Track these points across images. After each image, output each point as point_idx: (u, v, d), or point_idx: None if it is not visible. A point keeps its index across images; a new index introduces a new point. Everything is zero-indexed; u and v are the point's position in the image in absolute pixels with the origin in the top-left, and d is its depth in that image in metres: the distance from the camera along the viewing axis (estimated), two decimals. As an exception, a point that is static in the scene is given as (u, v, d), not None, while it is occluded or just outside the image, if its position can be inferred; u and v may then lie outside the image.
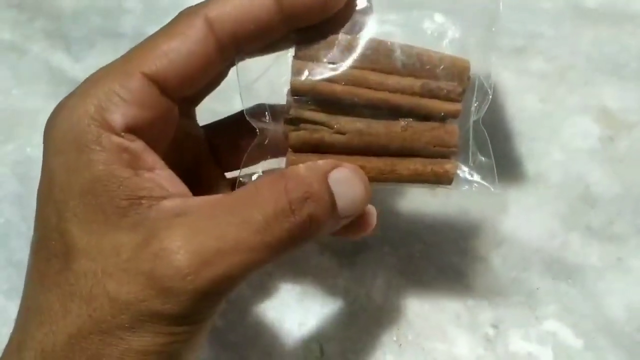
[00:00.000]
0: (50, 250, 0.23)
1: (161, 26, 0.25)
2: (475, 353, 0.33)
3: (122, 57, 0.24)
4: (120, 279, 0.22)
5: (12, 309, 0.37)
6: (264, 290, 0.35)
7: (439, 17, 0.26)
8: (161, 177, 0.24)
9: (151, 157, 0.24)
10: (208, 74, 0.25)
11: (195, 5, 0.24)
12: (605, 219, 0.36)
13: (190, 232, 0.22)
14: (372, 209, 0.27)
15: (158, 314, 0.21)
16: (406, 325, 0.34)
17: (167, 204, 0.23)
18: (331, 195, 0.23)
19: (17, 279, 0.37)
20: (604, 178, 0.37)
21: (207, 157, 0.30)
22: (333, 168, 0.24)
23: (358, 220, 0.25)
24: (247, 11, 0.24)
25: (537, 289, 0.35)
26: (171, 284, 0.21)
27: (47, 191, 0.23)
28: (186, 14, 0.24)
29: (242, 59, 0.26)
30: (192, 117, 0.30)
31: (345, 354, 0.34)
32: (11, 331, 0.24)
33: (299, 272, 0.36)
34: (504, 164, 0.38)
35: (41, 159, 0.24)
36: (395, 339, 0.34)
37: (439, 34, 0.26)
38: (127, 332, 0.21)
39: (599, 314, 0.34)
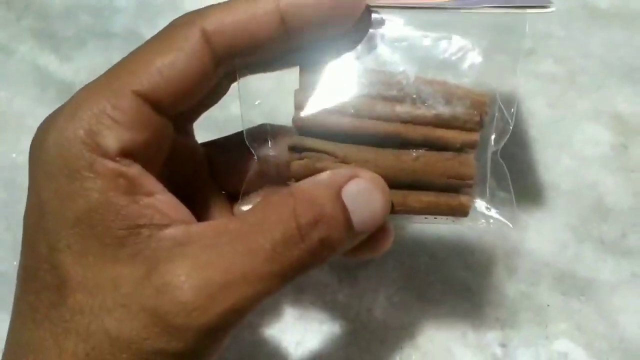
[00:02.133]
0: (41, 282, 0.22)
1: (154, 25, 0.22)
2: (483, 374, 0.32)
3: (110, 72, 0.23)
4: (120, 315, 0.20)
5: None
6: (261, 306, 0.34)
7: (458, 40, 0.24)
8: (161, 202, 0.22)
9: (149, 182, 0.22)
10: (203, 90, 0.23)
11: (191, 14, 0.23)
12: (619, 231, 0.34)
13: (194, 264, 0.21)
14: (389, 224, 0.25)
15: (162, 352, 0.20)
16: (410, 344, 0.32)
17: (169, 232, 0.21)
18: (345, 212, 0.22)
19: (4, 293, 0.36)
20: (617, 188, 0.36)
21: (204, 175, 0.28)
22: (348, 180, 0.22)
23: (375, 236, 0.23)
24: (247, 24, 0.22)
25: (548, 305, 0.33)
26: (176, 321, 0.20)
27: (36, 219, 0.22)
28: (181, 25, 0.23)
29: (244, 75, 0.24)
30: (189, 133, 0.28)
31: (346, 374, 0.32)
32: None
33: (297, 288, 0.34)
34: (511, 172, 0.36)
35: (27, 164, 0.22)
36: (398, 359, 0.32)
37: (458, 58, 0.24)
38: None
39: (613, 332, 0.32)
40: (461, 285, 0.34)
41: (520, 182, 0.36)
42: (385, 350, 0.32)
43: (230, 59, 0.23)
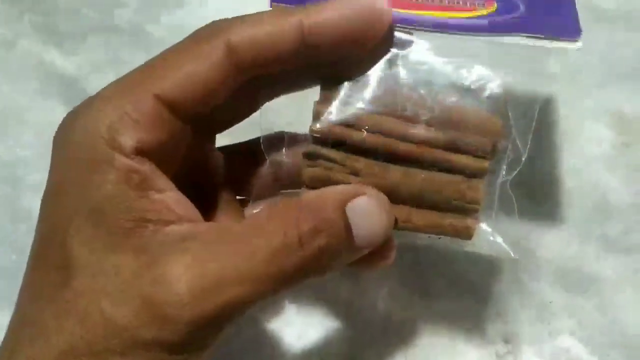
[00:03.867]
0: (49, 264, 0.22)
1: (157, 21, 0.23)
2: (486, 370, 0.32)
3: (135, 74, 0.24)
4: (116, 299, 0.21)
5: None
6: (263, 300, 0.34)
7: (479, 68, 0.25)
8: (171, 199, 0.23)
9: (161, 180, 0.23)
10: (221, 99, 0.24)
11: (216, 25, 0.24)
12: (622, 229, 0.35)
13: (193, 259, 0.21)
14: (392, 242, 0.25)
15: (153, 342, 0.21)
16: (413, 339, 0.33)
17: (174, 228, 0.22)
18: (347, 226, 0.22)
19: (3, 288, 0.35)
20: (619, 186, 0.36)
21: (220, 180, 0.29)
22: (354, 196, 0.23)
23: (377, 251, 0.24)
24: (271, 40, 0.23)
25: (550, 302, 0.33)
26: (168, 311, 0.21)
27: (52, 205, 0.23)
28: (206, 35, 0.24)
29: (267, 99, 0.26)
30: (212, 141, 0.29)
31: (349, 369, 0.32)
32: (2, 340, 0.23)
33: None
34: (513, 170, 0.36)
35: (30, 159, 0.23)
36: (401, 353, 0.32)
37: (478, 86, 0.25)
38: (118, 358, 0.21)
39: (614, 329, 0.32)
40: (464, 280, 0.34)
41: (523, 180, 0.36)
42: (389, 345, 0.33)
43: (250, 72, 0.24)
